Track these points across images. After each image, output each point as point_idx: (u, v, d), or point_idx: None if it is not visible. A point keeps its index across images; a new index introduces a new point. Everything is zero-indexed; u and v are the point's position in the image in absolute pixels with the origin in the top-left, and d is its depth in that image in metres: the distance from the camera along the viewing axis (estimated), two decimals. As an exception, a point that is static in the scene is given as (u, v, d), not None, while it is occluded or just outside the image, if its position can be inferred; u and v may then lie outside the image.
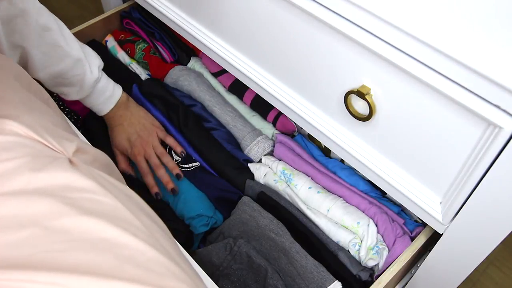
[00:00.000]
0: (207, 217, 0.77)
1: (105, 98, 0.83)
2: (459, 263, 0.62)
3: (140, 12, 1.04)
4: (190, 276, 0.42)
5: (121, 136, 0.83)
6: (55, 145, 0.46)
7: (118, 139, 0.83)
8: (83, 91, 0.79)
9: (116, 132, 0.84)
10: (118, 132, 0.83)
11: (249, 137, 0.86)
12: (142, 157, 0.82)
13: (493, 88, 0.42)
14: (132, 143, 0.83)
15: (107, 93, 0.83)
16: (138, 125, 0.84)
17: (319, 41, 0.58)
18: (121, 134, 0.83)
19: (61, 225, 0.38)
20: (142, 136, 0.83)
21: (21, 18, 0.67)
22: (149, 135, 0.84)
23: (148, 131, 0.84)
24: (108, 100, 0.83)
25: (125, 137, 0.83)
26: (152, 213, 0.51)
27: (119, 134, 0.83)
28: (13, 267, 0.34)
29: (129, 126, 0.83)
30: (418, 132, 0.54)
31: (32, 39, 0.70)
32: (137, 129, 0.83)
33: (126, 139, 0.83)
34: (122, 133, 0.83)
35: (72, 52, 0.75)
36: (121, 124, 0.83)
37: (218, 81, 0.95)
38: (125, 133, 0.83)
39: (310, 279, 0.68)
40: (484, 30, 0.44)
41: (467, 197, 0.53)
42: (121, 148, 0.83)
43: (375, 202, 0.75)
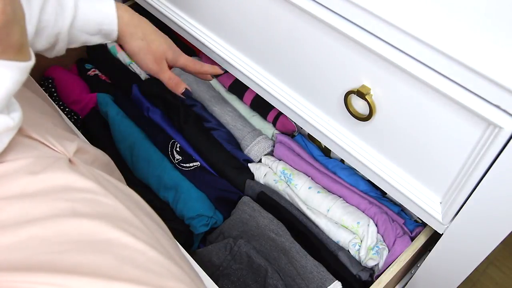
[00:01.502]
0: (207, 217, 0.77)
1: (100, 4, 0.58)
2: (459, 263, 0.62)
3: (140, 12, 1.03)
4: (190, 276, 0.42)
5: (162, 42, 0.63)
6: (56, 146, 0.47)
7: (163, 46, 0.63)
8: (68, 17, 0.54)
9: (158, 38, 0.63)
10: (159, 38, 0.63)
11: (249, 137, 0.86)
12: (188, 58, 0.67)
13: (493, 88, 0.42)
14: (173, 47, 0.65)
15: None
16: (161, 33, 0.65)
17: (319, 41, 0.58)
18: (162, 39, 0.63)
19: (61, 227, 0.38)
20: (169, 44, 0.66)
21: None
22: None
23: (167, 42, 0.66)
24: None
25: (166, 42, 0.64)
26: (152, 213, 0.51)
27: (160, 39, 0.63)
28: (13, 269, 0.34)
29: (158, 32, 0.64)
30: (418, 132, 0.54)
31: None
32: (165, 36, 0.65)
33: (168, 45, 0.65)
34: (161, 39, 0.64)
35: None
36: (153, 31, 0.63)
37: (218, 81, 0.95)
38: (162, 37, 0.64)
39: (310, 279, 0.68)
40: (484, 30, 0.44)
41: (467, 197, 0.53)
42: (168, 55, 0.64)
43: (375, 202, 0.75)
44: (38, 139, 0.45)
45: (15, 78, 0.36)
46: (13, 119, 0.39)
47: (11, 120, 0.38)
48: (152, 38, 0.61)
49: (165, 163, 0.83)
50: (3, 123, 0.38)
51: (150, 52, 0.61)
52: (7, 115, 0.38)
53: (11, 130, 0.39)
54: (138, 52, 0.60)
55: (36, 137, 0.45)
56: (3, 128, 0.38)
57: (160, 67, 0.63)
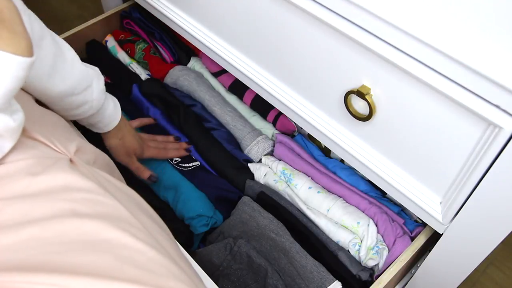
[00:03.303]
0: (207, 217, 0.77)
1: (114, 103, 0.72)
2: (459, 263, 0.62)
3: (140, 12, 1.04)
4: (189, 276, 0.42)
5: (133, 141, 0.77)
6: (57, 146, 0.47)
7: (134, 145, 0.77)
8: (98, 102, 0.67)
9: (131, 139, 0.76)
10: (131, 138, 0.77)
11: (249, 137, 0.86)
12: (153, 148, 0.81)
13: (493, 88, 0.42)
14: (142, 144, 0.79)
15: (113, 99, 0.73)
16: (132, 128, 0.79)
17: (319, 41, 0.58)
18: (133, 139, 0.77)
19: (61, 227, 0.38)
20: (139, 135, 0.80)
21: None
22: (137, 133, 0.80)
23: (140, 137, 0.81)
24: (117, 105, 0.73)
25: (137, 139, 0.78)
26: (152, 213, 0.51)
27: (132, 139, 0.77)
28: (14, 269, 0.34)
29: (132, 129, 0.78)
30: (418, 132, 0.54)
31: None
32: (135, 132, 0.79)
33: (139, 141, 0.78)
34: (133, 135, 0.77)
35: (68, 55, 0.62)
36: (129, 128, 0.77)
37: (218, 81, 0.95)
38: (134, 135, 0.77)
39: (310, 279, 0.68)
40: (484, 30, 0.44)
41: (467, 197, 0.53)
42: (136, 151, 0.78)
43: (375, 202, 0.75)
44: (39, 139, 0.45)
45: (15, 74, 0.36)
46: (14, 120, 0.39)
47: (11, 120, 0.38)
48: (127, 139, 0.75)
49: (165, 163, 0.83)
50: (4, 123, 0.38)
51: (123, 148, 0.76)
52: (8, 116, 0.38)
53: (12, 132, 0.39)
54: (115, 147, 0.75)
55: (37, 137, 0.45)
56: (3, 128, 0.38)
57: (130, 159, 0.77)
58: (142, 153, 0.79)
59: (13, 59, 0.35)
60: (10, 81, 0.36)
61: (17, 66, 0.36)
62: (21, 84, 0.37)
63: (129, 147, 0.76)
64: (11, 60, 0.35)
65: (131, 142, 0.76)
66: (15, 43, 0.35)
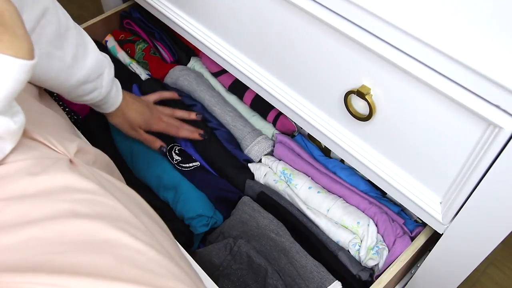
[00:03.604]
0: (207, 217, 0.77)
1: (116, 88, 0.74)
2: (459, 263, 0.62)
3: (140, 12, 1.04)
4: (190, 276, 0.42)
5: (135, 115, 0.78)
6: (56, 146, 0.47)
7: (136, 119, 0.78)
8: (106, 89, 0.69)
9: (132, 113, 0.77)
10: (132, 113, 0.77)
11: (249, 137, 0.86)
12: (164, 123, 0.82)
13: (493, 88, 0.42)
14: (149, 119, 0.79)
15: (116, 84, 0.74)
16: (139, 103, 0.79)
17: (319, 41, 0.58)
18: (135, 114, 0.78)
19: (61, 228, 0.38)
20: (151, 109, 0.81)
21: (44, 17, 0.57)
22: (152, 107, 0.82)
23: (149, 103, 0.82)
24: (118, 89, 0.74)
25: (143, 114, 0.79)
26: (152, 213, 0.51)
27: (133, 114, 0.78)
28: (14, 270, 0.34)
29: (137, 105, 0.79)
30: (418, 132, 0.54)
31: (56, 40, 0.59)
32: (143, 107, 0.79)
33: (145, 116, 0.79)
34: (137, 112, 0.78)
35: (89, 45, 0.65)
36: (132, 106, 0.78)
37: (218, 81, 0.95)
38: (138, 111, 0.78)
39: (310, 279, 0.68)
40: (484, 30, 0.43)
41: (467, 197, 0.53)
42: (141, 124, 0.79)
43: (375, 202, 0.75)
44: (39, 139, 0.45)
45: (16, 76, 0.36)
46: (15, 122, 0.39)
47: (12, 123, 0.38)
48: (128, 116, 0.77)
49: (165, 163, 0.83)
50: (5, 125, 0.38)
51: (126, 123, 0.77)
52: (9, 118, 0.38)
53: (12, 134, 0.39)
54: (118, 124, 0.78)
55: (37, 138, 0.45)
56: (3, 130, 0.38)
57: (136, 132, 0.79)
58: (150, 126, 0.80)
59: (14, 62, 0.35)
60: (12, 84, 0.36)
61: (19, 69, 0.36)
62: (22, 87, 0.37)
63: (132, 122, 0.77)
64: (12, 63, 0.35)
65: (132, 116, 0.77)
66: (16, 46, 0.35)
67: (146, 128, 0.79)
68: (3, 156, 0.40)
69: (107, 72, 0.68)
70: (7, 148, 0.40)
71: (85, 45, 0.64)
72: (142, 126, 0.79)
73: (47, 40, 0.58)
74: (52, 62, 0.60)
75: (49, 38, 0.58)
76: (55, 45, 0.59)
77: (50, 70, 0.60)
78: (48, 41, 0.58)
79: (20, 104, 0.41)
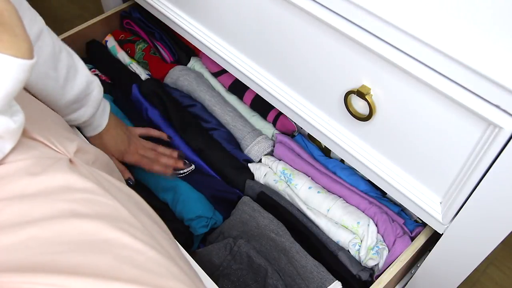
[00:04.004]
0: (206, 218, 0.77)
1: (104, 106, 0.74)
2: (459, 263, 0.62)
3: (140, 12, 1.04)
4: (189, 276, 0.42)
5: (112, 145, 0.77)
6: (56, 146, 0.47)
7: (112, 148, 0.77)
8: (92, 109, 0.70)
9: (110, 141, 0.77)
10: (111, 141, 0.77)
11: (249, 137, 0.86)
12: (139, 155, 0.80)
13: (493, 88, 0.42)
14: (124, 150, 0.78)
15: (102, 102, 0.73)
16: (120, 131, 0.78)
17: (319, 41, 0.58)
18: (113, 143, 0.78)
19: (61, 227, 0.38)
20: (130, 140, 0.79)
21: (40, 38, 0.58)
22: (133, 138, 0.80)
23: (130, 134, 0.80)
24: (106, 107, 0.74)
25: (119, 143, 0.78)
26: (152, 213, 0.51)
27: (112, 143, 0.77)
28: (13, 270, 0.34)
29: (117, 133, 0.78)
30: (418, 132, 0.54)
31: (50, 61, 0.60)
32: (122, 136, 0.78)
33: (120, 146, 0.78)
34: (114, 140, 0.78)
35: (79, 66, 0.66)
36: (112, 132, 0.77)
37: (218, 81, 0.95)
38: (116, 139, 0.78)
39: (310, 279, 0.68)
40: (484, 30, 0.43)
41: (467, 197, 0.53)
42: (114, 154, 0.78)
43: (375, 202, 0.75)
44: (38, 139, 0.45)
45: (16, 76, 0.36)
46: (14, 122, 0.39)
47: (12, 122, 0.38)
48: (105, 140, 0.75)
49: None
50: (4, 125, 0.38)
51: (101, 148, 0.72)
52: (9, 117, 0.38)
53: (12, 134, 0.39)
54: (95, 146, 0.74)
55: (36, 137, 0.45)
56: (3, 129, 0.37)
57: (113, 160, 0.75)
58: (123, 157, 0.78)
59: (14, 62, 0.35)
60: (11, 83, 0.36)
61: (18, 68, 0.36)
62: (21, 86, 0.37)
63: (107, 149, 0.75)
64: (12, 62, 0.35)
65: (109, 144, 0.76)
66: (15, 46, 0.36)
67: (119, 158, 0.78)
68: (2, 156, 0.40)
69: (96, 92, 0.69)
70: (6, 148, 0.40)
71: (75, 66, 0.65)
72: (115, 155, 0.77)
73: (43, 61, 0.59)
74: (48, 82, 0.61)
75: (45, 59, 0.59)
76: (49, 66, 0.60)
77: (45, 90, 0.61)
78: (44, 62, 0.59)
79: (19, 103, 0.41)
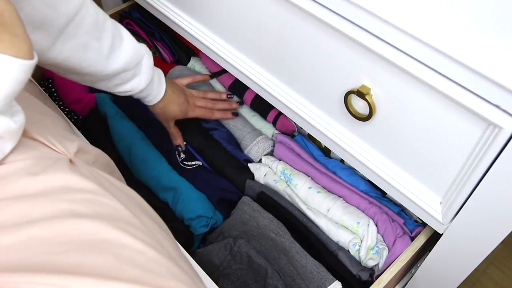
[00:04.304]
0: (206, 218, 0.77)
1: (159, 78, 0.75)
2: (459, 263, 0.62)
3: (140, 12, 1.04)
4: (190, 276, 0.42)
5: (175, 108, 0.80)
6: (56, 146, 0.46)
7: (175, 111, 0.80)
8: (147, 77, 0.70)
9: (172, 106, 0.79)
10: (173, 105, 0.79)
11: (249, 137, 0.86)
12: (199, 108, 0.84)
13: (493, 88, 0.42)
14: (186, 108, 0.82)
15: (158, 73, 0.75)
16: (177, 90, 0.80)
17: (319, 41, 0.58)
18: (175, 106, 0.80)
19: (61, 227, 0.38)
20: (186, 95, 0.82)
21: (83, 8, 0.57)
22: (186, 91, 0.84)
23: (183, 88, 0.84)
24: (159, 72, 0.75)
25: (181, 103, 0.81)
26: (153, 213, 0.51)
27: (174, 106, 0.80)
28: (13, 270, 0.34)
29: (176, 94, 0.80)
30: (418, 132, 0.54)
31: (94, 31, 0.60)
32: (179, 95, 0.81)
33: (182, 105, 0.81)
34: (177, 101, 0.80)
35: (124, 34, 0.66)
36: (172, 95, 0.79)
37: (218, 81, 0.95)
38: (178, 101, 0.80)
39: (310, 279, 0.68)
40: (484, 30, 0.43)
41: (467, 197, 0.53)
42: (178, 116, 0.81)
43: (375, 202, 0.75)
44: (39, 139, 0.45)
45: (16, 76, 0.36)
46: (15, 122, 0.38)
47: (12, 122, 0.38)
48: (168, 107, 0.79)
49: (163, 164, 0.83)
50: (5, 125, 0.37)
51: (164, 115, 0.80)
52: (9, 118, 0.38)
53: (12, 134, 0.39)
54: (158, 114, 0.80)
55: (37, 138, 0.45)
56: (3, 129, 0.37)
57: (168, 124, 0.83)
58: (187, 115, 0.82)
59: (14, 62, 0.35)
60: (12, 84, 0.36)
61: (18, 68, 0.36)
62: (21, 87, 0.37)
63: (169, 115, 0.80)
64: (12, 63, 0.35)
65: (172, 109, 0.79)
66: (16, 46, 0.36)
67: (183, 117, 0.82)
68: (3, 156, 0.40)
69: (146, 59, 0.69)
70: (7, 148, 0.40)
71: (121, 35, 0.65)
72: (179, 117, 0.82)
73: (85, 31, 0.58)
74: (88, 53, 0.60)
75: (87, 29, 0.59)
76: (92, 36, 0.60)
77: (86, 60, 0.61)
78: (86, 32, 0.59)
79: (20, 103, 0.41)
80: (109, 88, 0.69)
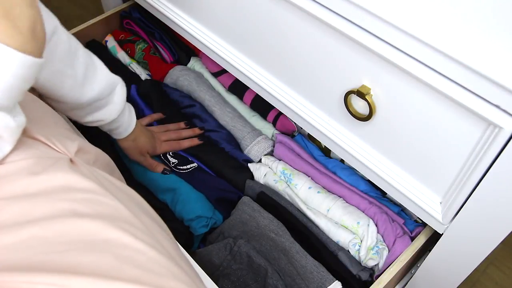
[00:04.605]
0: (206, 218, 0.77)
1: (129, 110, 0.75)
2: (459, 263, 0.62)
3: (140, 12, 1.04)
4: (190, 276, 0.42)
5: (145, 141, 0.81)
6: (57, 145, 0.47)
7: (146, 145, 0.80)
8: (119, 107, 0.70)
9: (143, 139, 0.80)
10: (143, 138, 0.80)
11: (249, 137, 0.86)
12: (165, 143, 0.84)
13: (493, 88, 0.42)
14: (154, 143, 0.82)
15: (129, 106, 0.75)
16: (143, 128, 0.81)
17: (319, 41, 0.58)
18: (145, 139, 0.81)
19: (61, 227, 0.38)
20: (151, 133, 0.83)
21: (55, 34, 0.57)
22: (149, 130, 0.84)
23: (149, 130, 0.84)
24: (132, 111, 0.76)
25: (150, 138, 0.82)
26: (153, 213, 0.51)
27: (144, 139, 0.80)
28: (14, 269, 0.34)
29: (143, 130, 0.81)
30: (418, 132, 0.54)
31: (67, 58, 0.60)
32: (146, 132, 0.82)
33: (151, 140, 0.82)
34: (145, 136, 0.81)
35: (98, 64, 0.66)
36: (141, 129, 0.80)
37: (218, 81, 0.95)
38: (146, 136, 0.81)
39: (310, 279, 0.68)
40: (484, 30, 0.44)
41: (467, 197, 0.53)
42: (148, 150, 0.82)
43: (375, 202, 0.75)
44: (39, 139, 0.45)
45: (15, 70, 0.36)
46: (15, 121, 0.38)
47: (12, 120, 0.38)
48: (139, 140, 0.79)
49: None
50: (4, 121, 0.37)
51: (136, 149, 0.80)
52: (9, 115, 0.38)
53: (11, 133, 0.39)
54: (128, 148, 0.79)
55: (37, 137, 0.45)
56: (2, 126, 0.37)
57: (143, 157, 0.81)
58: (155, 151, 0.82)
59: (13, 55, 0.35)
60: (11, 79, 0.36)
61: (18, 62, 0.36)
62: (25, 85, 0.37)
63: (141, 148, 0.80)
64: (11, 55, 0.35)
65: (143, 142, 0.80)
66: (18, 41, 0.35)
67: (152, 153, 0.83)
68: (3, 156, 0.40)
69: (119, 88, 0.69)
70: (6, 149, 0.40)
71: (94, 63, 0.65)
72: (150, 150, 0.81)
73: (59, 58, 0.58)
74: (65, 80, 0.60)
75: (60, 56, 0.58)
76: (66, 63, 0.60)
77: (63, 88, 0.61)
78: (60, 59, 0.58)
79: (20, 102, 0.41)
80: (80, 117, 0.68)
